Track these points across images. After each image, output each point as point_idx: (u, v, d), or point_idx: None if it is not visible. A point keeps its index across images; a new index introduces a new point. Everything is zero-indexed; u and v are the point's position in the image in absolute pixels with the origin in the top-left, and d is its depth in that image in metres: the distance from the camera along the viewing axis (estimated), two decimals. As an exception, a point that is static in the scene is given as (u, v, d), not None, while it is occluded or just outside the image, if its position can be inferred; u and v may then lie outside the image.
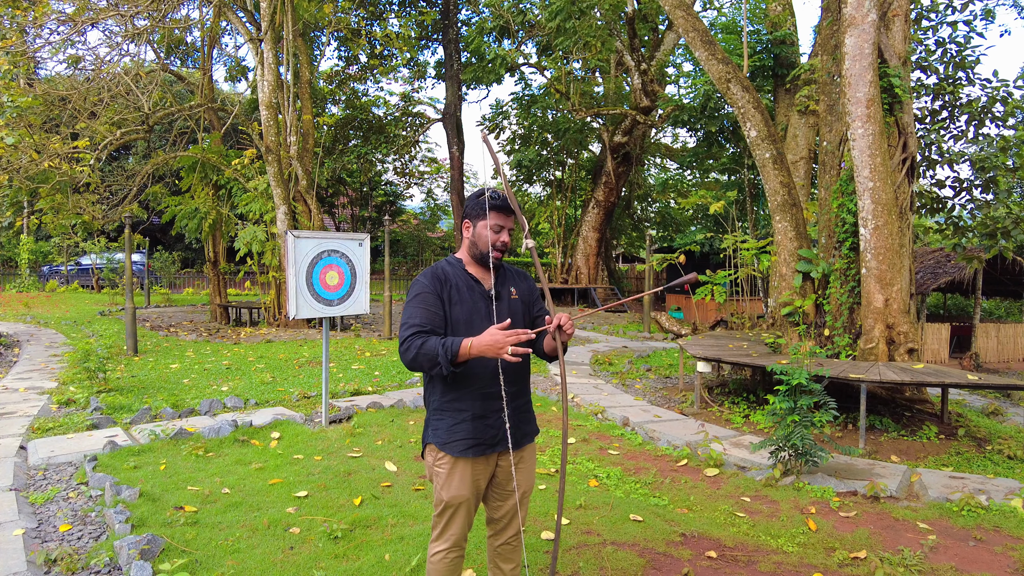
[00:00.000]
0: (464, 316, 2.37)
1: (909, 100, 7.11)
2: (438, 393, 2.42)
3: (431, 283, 2.38)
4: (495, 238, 2.40)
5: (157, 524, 3.68)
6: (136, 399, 6.78)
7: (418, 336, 2.24)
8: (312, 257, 5.57)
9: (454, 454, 2.36)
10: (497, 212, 2.39)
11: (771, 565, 3.37)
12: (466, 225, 2.48)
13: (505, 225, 2.43)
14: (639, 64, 17.07)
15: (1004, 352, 17.64)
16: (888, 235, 6.45)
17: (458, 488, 2.38)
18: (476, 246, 2.44)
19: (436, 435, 2.41)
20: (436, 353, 2.18)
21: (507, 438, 2.39)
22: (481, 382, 2.36)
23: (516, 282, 2.56)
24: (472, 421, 2.36)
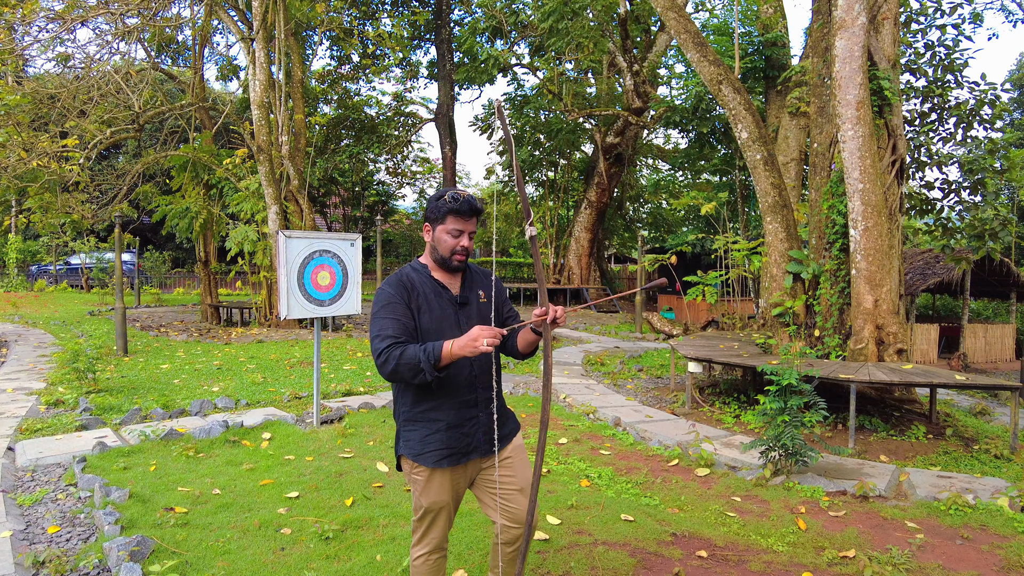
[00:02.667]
0: (433, 324, 2.30)
1: (898, 102, 7.16)
2: (409, 404, 2.35)
3: (398, 292, 2.30)
4: (454, 243, 2.32)
5: (147, 525, 3.66)
6: (126, 400, 6.74)
7: (395, 347, 2.16)
8: (303, 257, 5.55)
9: (428, 465, 2.31)
10: (456, 216, 2.31)
11: (761, 564, 3.39)
12: (426, 229, 2.40)
13: (465, 229, 2.33)
14: (631, 65, 17.11)
15: (991, 352, 17.81)
16: (878, 236, 6.50)
17: (437, 494, 2.35)
18: (436, 250, 2.36)
19: (408, 447, 2.35)
20: (418, 360, 2.11)
21: (481, 445, 2.38)
22: (458, 390, 2.32)
23: (483, 284, 2.49)
24: (447, 431, 2.31)
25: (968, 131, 10.84)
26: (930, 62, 10.85)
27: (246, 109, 17.94)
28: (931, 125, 11.07)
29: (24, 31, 11.53)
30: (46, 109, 12.27)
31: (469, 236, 2.34)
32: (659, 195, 26.72)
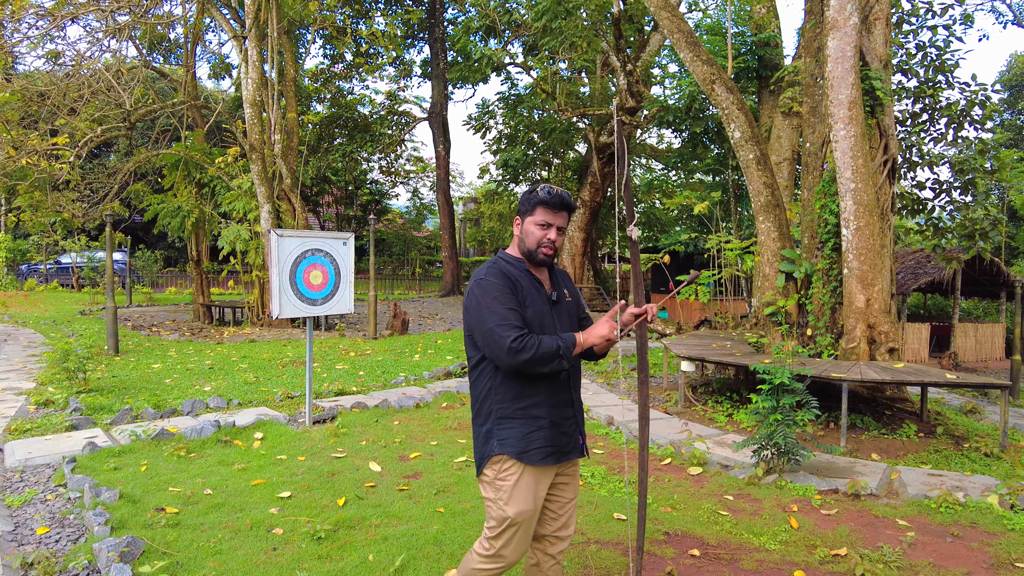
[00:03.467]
0: (536, 320, 2.28)
1: (890, 103, 7.19)
2: (508, 399, 2.27)
3: (505, 283, 2.26)
4: (542, 235, 2.30)
5: (138, 526, 3.63)
6: (117, 400, 6.69)
7: (528, 336, 2.13)
8: (296, 256, 5.53)
9: (533, 463, 2.24)
10: (545, 208, 2.30)
11: (753, 563, 3.40)
12: (516, 222, 2.40)
13: (553, 222, 2.30)
14: (625, 65, 17.13)
15: (982, 351, 17.93)
16: (870, 236, 6.52)
17: (524, 501, 2.24)
18: (524, 242, 2.34)
19: (507, 444, 2.24)
20: (557, 348, 2.12)
21: (578, 446, 2.39)
22: (555, 389, 2.30)
23: (565, 283, 2.51)
24: (549, 428, 2.27)
25: (959, 131, 10.90)
26: (921, 63, 10.90)
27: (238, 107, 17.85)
28: (922, 125, 11.13)
29: (14, 28, 11.43)
30: (36, 107, 12.18)
31: (558, 230, 2.32)
32: (652, 195, 26.78)
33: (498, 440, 2.26)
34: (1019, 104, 33.12)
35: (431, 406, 6.74)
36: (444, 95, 26.11)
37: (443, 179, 26.45)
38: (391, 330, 12.77)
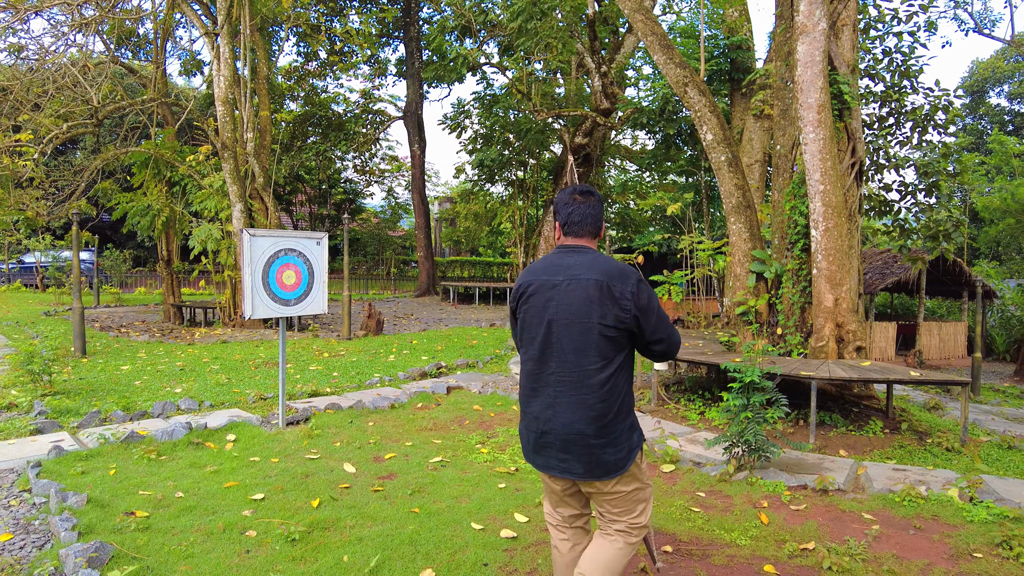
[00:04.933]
0: None
1: (857, 106, 7.36)
2: (631, 395, 2.49)
3: None
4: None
5: (106, 531, 3.57)
6: (84, 402, 6.55)
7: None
8: (268, 256, 5.48)
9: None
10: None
11: (724, 558, 3.47)
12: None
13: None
14: (599, 66, 17.25)
15: (945, 349, 18.43)
16: (838, 237, 6.67)
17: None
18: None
19: (641, 435, 2.52)
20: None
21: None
22: None
23: None
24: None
25: (923, 135, 11.19)
26: (888, 68, 11.17)
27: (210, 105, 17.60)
28: (889, 129, 11.40)
29: (-26, 21, 11.11)
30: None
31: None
32: (626, 195, 27.01)
33: (638, 432, 2.49)
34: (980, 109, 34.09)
35: (406, 407, 6.72)
36: (419, 94, 26.02)
37: (418, 178, 26.35)
38: (365, 330, 12.69)
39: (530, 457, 2.52)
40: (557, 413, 2.37)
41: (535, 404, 2.45)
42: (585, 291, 2.36)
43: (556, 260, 2.49)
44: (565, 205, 2.52)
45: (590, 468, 2.36)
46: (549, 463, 2.44)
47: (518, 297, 2.55)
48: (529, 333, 2.48)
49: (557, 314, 2.40)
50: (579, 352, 2.36)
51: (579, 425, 2.35)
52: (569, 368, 2.37)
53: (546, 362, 2.42)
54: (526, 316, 2.50)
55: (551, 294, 2.42)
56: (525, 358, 2.51)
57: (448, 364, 9.24)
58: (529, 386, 2.48)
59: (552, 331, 2.40)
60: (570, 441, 2.36)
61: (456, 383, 7.89)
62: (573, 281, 2.39)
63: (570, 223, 2.52)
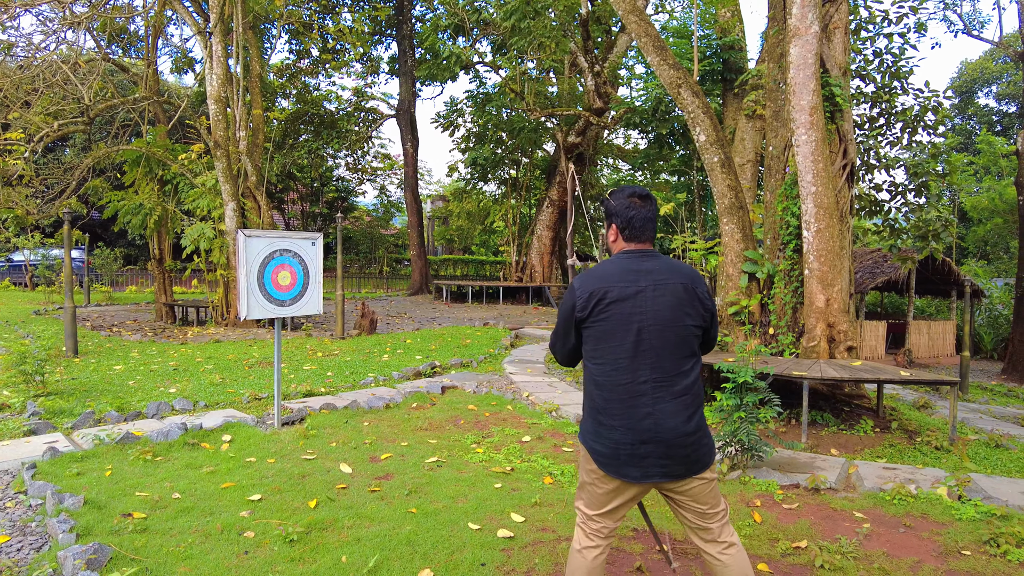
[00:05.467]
0: None
1: (849, 108, 7.43)
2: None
3: None
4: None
5: (104, 532, 3.58)
6: (78, 403, 6.53)
7: None
8: (264, 257, 5.48)
9: None
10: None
11: (718, 556, 3.51)
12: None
13: None
14: (592, 66, 17.29)
15: (934, 348, 18.60)
16: (829, 238, 6.73)
17: None
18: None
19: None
20: None
21: None
22: None
23: None
24: None
25: (913, 136, 11.30)
26: (878, 69, 11.27)
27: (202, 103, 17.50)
28: (879, 129, 11.50)
29: (-37, 18, 11.02)
30: (-13, 99, 11.75)
31: None
32: (619, 194, 27.08)
33: (711, 436, 2.53)
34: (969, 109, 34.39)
35: (401, 407, 6.74)
36: (412, 92, 25.98)
37: (411, 177, 26.33)
38: (359, 330, 12.69)
39: (619, 471, 2.38)
40: (659, 420, 2.33)
41: (628, 416, 2.35)
42: (675, 295, 2.39)
43: (630, 265, 2.43)
44: (627, 209, 2.47)
45: (690, 466, 2.38)
46: (648, 472, 2.35)
47: (591, 306, 2.41)
48: (612, 342, 2.39)
49: (649, 320, 2.37)
50: (675, 356, 2.38)
51: (683, 427, 2.35)
52: (666, 373, 2.36)
53: (636, 370, 2.36)
54: (607, 325, 2.39)
55: (637, 301, 2.38)
56: (605, 368, 2.40)
57: (442, 363, 9.26)
58: (615, 397, 2.37)
59: (643, 338, 2.36)
60: (675, 445, 2.34)
61: (451, 383, 7.92)
62: (660, 286, 2.39)
63: (634, 227, 2.48)
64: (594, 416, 2.45)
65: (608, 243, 2.58)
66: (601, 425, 2.41)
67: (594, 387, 2.44)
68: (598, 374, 2.42)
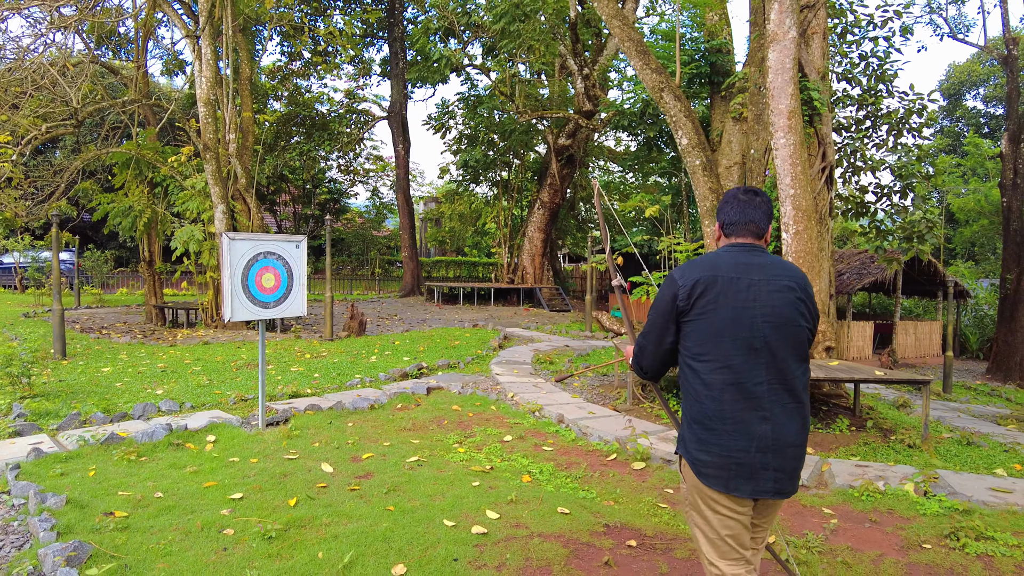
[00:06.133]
0: None
1: (827, 112, 7.55)
2: None
3: None
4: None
5: (85, 531, 3.64)
6: (64, 404, 6.58)
7: None
8: (248, 259, 5.55)
9: None
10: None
11: (686, 552, 3.61)
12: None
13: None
14: (582, 68, 17.41)
15: (921, 348, 18.78)
16: (808, 240, 6.85)
17: None
18: None
19: None
20: None
21: None
22: None
23: None
24: None
25: (899, 138, 11.46)
26: (864, 72, 11.43)
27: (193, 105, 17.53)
28: (865, 132, 11.66)
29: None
30: (-25, 102, 11.77)
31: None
32: (609, 196, 27.23)
33: None
34: (957, 112, 34.68)
35: (386, 407, 6.82)
36: (404, 94, 26.06)
37: (403, 179, 26.40)
38: (348, 331, 12.75)
39: (727, 484, 2.16)
40: (778, 427, 2.14)
41: (742, 420, 2.14)
42: (792, 293, 2.22)
43: (740, 258, 2.25)
44: (739, 203, 2.35)
45: (795, 481, 2.20)
46: (762, 487, 2.14)
47: (696, 295, 2.20)
48: (723, 337, 2.17)
49: (765, 316, 2.17)
50: (792, 358, 2.19)
51: (799, 436, 2.18)
52: (782, 376, 2.17)
53: (750, 370, 2.15)
54: (716, 318, 2.18)
55: (751, 294, 2.18)
56: (713, 366, 2.17)
57: (429, 365, 9.34)
58: (728, 399, 2.15)
59: (758, 335, 2.15)
60: (790, 457, 2.16)
61: (437, 384, 7.99)
62: (774, 280, 2.22)
63: (743, 222, 2.32)
64: (700, 421, 2.21)
65: (715, 241, 2.54)
66: (709, 431, 2.17)
67: (701, 388, 2.19)
68: (704, 372, 2.18)
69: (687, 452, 2.26)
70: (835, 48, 11.41)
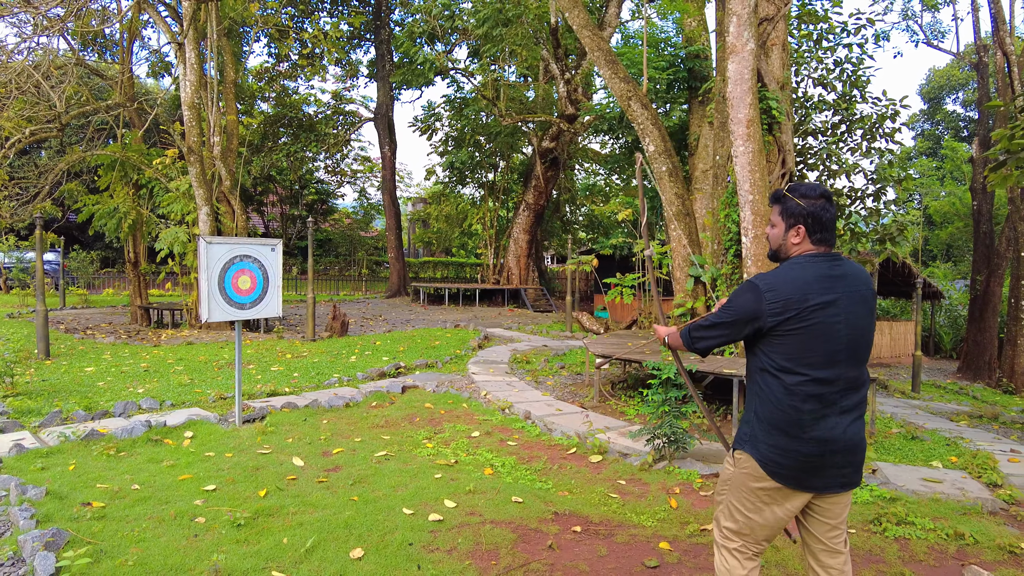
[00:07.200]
0: None
1: (786, 121, 7.86)
2: None
3: None
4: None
5: (63, 519, 3.86)
6: (46, 403, 6.77)
7: None
8: (224, 262, 5.78)
9: None
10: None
11: (627, 537, 3.88)
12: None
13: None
14: (563, 73, 17.69)
15: (896, 348, 19.20)
16: (766, 244, 7.15)
17: None
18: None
19: None
20: None
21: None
22: None
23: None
24: None
25: (872, 142, 11.82)
26: (839, 77, 11.77)
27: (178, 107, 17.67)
28: (840, 136, 12.00)
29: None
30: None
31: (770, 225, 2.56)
32: (591, 198, 27.56)
33: None
34: (937, 115, 35.25)
35: (361, 405, 7.05)
36: (390, 96, 26.27)
37: (389, 180, 26.60)
38: (330, 332, 12.96)
39: (801, 482, 2.34)
40: (848, 429, 2.32)
41: (822, 426, 2.30)
42: (867, 304, 2.36)
43: (825, 271, 2.34)
44: (820, 210, 2.38)
45: (860, 473, 2.41)
46: (829, 482, 2.34)
47: (788, 314, 2.30)
48: (812, 352, 2.29)
49: (848, 330, 2.31)
50: (861, 363, 2.37)
51: (862, 434, 2.37)
52: (853, 382, 2.35)
53: (832, 381, 2.30)
54: (807, 336, 2.29)
55: (836, 309, 2.30)
56: (798, 379, 2.30)
57: (407, 364, 9.58)
58: (810, 408, 2.29)
59: (840, 347, 2.31)
60: (856, 452, 2.35)
61: (413, 383, 8.24)
62: (854, 293, 2.34)
63: (826, 229, 2.39)
64: (778, 427, 2.34)
65: (785, 244, 2.45)
66: (793, 438, 2.31)
67: (783, 396, 2.32)
68: (789, 382, 2.31)
69: (758, 452, 2.38)
70: (811, 54, 11.76)
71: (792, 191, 2.43)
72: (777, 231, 2.46)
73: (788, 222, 2.43)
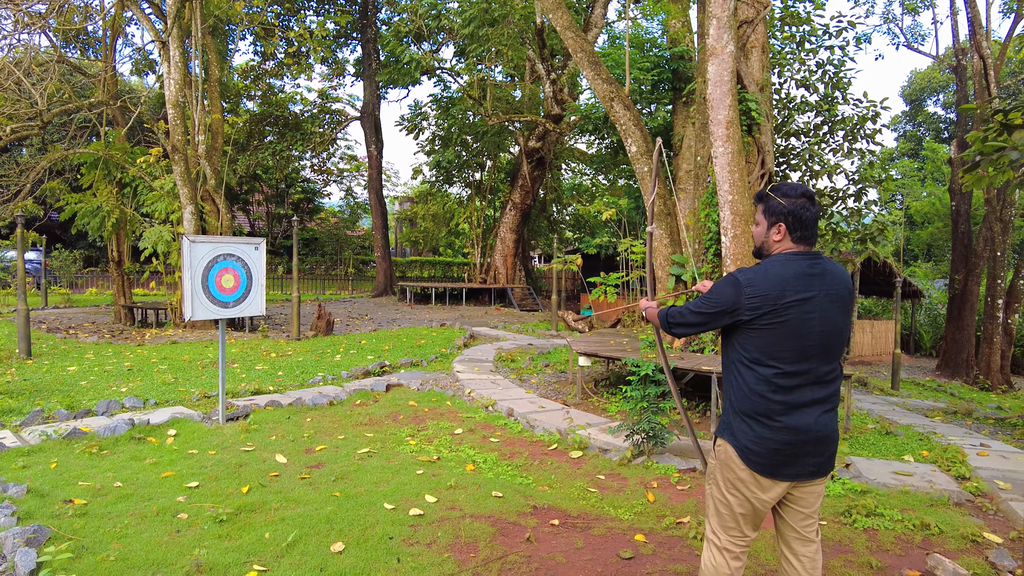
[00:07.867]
0: None
1: (766, 123, 7.99)
2: None
3: None
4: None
5: (45, 516, 3.88)
6: (27, 402, 6.75)
7: None
8: (208, 261, 5.80)
9: None
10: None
11: (604, 529, 3.96)
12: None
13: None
14: (549, 73, 17.77)
15: (877, 346, 19.47)
16: (744, 243, 7.27)
17: None
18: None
19: None
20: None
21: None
22: None
23: None
24: None
25: (853, 143, 12.00)
26: (821, 79, 11.94)
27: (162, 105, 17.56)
28: (822, 137, 12.18)
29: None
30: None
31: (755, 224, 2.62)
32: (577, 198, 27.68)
33: None
34: (918, 117, 35.72)
35: (344, 403, 7.09)
36: (376, 95, 26.23)
37: (375, 179, 26.57)
38: (315, 331, 12.96)
39: (774, 471, 2.41)
40: (819, 418, 2.40)
41: (794, 416, 2.38)
42: (843, 302, 2.43)
43: (804, 269, 2.41)
44: (801, 209, 2.44)
45: (831, 462, 2.49)
46: (801, 471, 2.41)
47: (764, 309, 2.37)
48: (784, 346, 2.37)
49: (821, 327, 2.38)
50: (835, 359, 2.45)
51: (833, 425, 2.46)
52: (825, 376, 2.42)
53: (804, 373, 2.38)
54: (782, 330, 2.37)
55: (812, 306, 2.37)
56: (771, 372, 2.39)
57: (393, 363, 9.62)
58: (782, 399, 2.38)
59: (814, 343, 2.38)
60: (827, 442, 2.43)
61: (397, 381, 8.28)
62: (831, 291, 2.40)
63: (807, 228, 2.45)
64: (753, 417, 2.42)
65: (767, 242, 2.51)
66: (765, 427, 2.40)
67: (757, 386, 2.41)
68: (763, 374, 2.40)
69: (735, 440, 2.47)
70: (793, 56, 11.92)
71: (775, 190, 2.50)
72: (760, 229, 2.54)
73: (770, 220, 2.49)
